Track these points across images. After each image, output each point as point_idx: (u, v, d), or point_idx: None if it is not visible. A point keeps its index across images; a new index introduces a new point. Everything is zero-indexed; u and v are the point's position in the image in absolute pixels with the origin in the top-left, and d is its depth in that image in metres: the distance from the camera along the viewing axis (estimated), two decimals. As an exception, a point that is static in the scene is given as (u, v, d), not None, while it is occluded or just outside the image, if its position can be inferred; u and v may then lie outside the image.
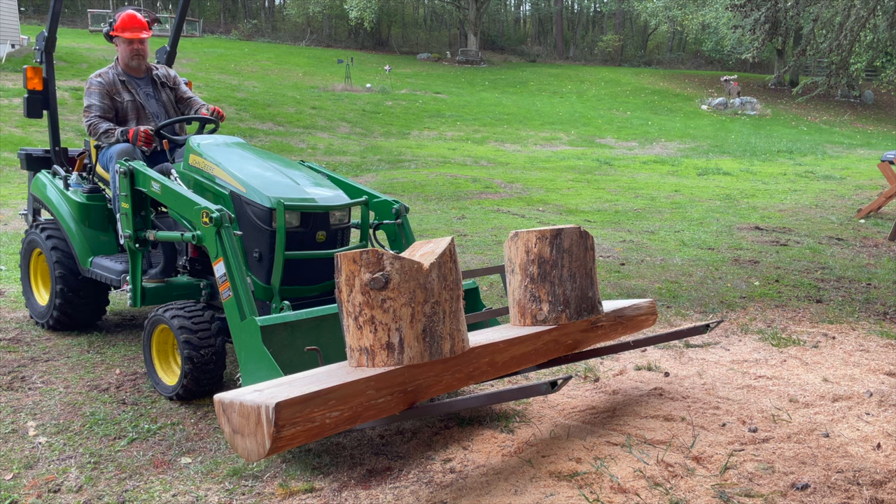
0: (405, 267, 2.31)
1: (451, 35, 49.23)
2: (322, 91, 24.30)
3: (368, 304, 2.31)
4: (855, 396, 3.58)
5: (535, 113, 23.95)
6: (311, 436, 2.13)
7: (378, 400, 2.26)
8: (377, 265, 2.29)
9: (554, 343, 2.96)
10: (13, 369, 3.84)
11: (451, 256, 2.46)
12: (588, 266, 3.01)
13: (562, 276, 2.93)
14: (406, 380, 2.34)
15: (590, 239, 3.04)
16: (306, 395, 2.08)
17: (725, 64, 39.77)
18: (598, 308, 3.10)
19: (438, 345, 2.39)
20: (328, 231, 3.57)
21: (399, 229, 3.89)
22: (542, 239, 2.91)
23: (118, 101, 4.38)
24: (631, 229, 8.30)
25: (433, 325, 2.37)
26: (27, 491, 2.67)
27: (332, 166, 14.40)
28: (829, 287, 5.93)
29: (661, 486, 2.66)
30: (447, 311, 2.41)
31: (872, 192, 11.69)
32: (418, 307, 2.33)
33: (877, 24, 10.28)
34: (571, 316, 2.95)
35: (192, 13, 45.79)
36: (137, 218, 3.83)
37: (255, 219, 3.46)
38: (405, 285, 2.31)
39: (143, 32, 4.35)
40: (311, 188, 3.62)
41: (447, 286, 2.41)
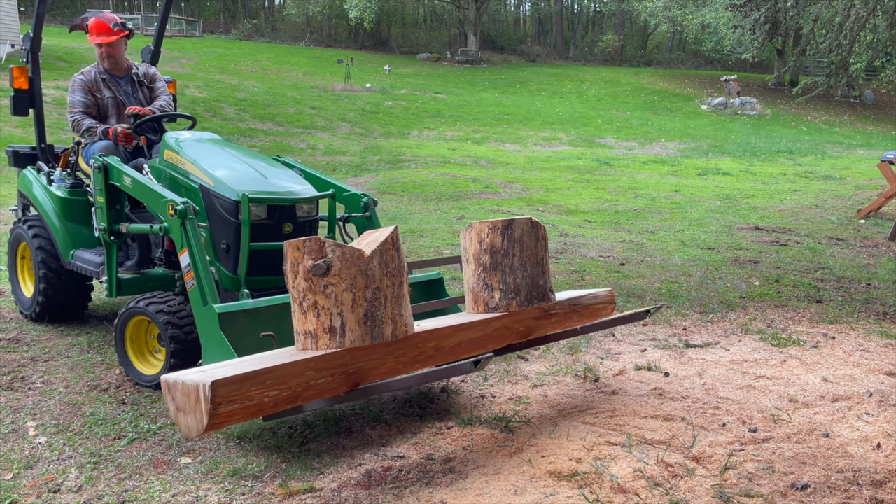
0: (346, 254, 2.40)
1: (451, 35, 49.23)
2: (322, 91, 24.30)
3: (311, 290, 2.41)
4: (855, 396, 3.58)
5: (535, 113, 23.95)
6: (251, 413, 2.22)
7: (319, 381, 2.35)
8: (319, 252, 2.38)
9: (505, 329, 3.04)
10: (13, 369, 3.84)
11: (394, 245, 2.54)
12: (539, 255, 3.09)
13: (513, 265, 3.02)
14: (347, 362, 2.43)
15: (541, 229, 3.11)
16: (243, 374, 2.17)
17: (725, 64, 39.77)
18: (550, 296, 3.17)
19: (380, 329, 2.49)
20: (295, 223, 3.69)
21: (367, 222, 4.02)
22: (493, 229, 3.01)
23: (99, 97, 4.56)
24: (631, 229, 8.30)
25: (374, 310, 2.47)
26: (27, 491, 2.67)
27: (331, 166, 14.40)
28: (829, 287, 5.93)
29: (661, 486, 2.66)
30: (389, 297, 2.50)
31: (872, 192, 11.69)
32: (359, 293, 2.43)
33: (877, 24, 10.28)
34: (522, 303, 3.04)
35: (192, 13, 45.81)
36: (112, 211, 3.97)
37: (223, 211, 3.58)
38: (346, 272, 2.40)
39: (109, 37, 4.52)
40: (279, 182, 3.74)
41: (389, 273, 2.50)
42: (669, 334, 4.63)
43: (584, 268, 6.23)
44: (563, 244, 7.23)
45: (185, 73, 23.56)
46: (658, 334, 4.63)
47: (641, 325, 4.79)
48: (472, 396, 3.57)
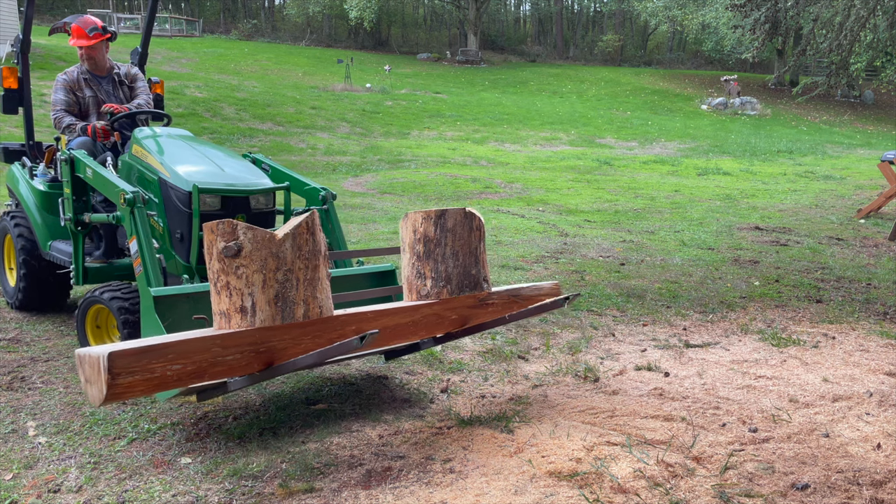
0: (257, 237, 2.47)
1: (451, 35, 49.24)
2: (322, 91, 24.30)
3: (224, 271, 2.49)
4: (855, 396, 3.58)
5: (535, 113, 23.95)
6: (154, 386, 2.29)
7: (226, 357, 2.42)
8: (232, 235, 2.46)
9: (436, 317, 3.07)
10: (13, 369, 3.84)
11: (308, 229, 2.58)
12: (472, 245, 3.12)
13: (444, 254, 3.06)
14: (258, 340, 2.49)
15: (476, 220, 3.13)
16: (142, 347, 2.26)
17: (725, 64, 39.77)
18: (483, 285, 3.20)
19: (291, 310, 2.54)
20: (249, 214, 3.81)
21: (326, 215, 4.14)
22: (427, 219, 3.06)
23: (80, 96, 4.78)
24: (631, 229, 8.30)
25: (285, 292, 2.52)
26: (27, 491, 2.67)
27: (331, 166, 14.40)
28: (829, 287, 5.93)
29: (661, 486, 2.66)
30: (301, 279, 2.55)
31: (872, 192, 11.69)
32: (270, 274, 2.49)
33: (877, 24, 10.27)
34: (453, 291, 3.08)
35: (192, 13, 45.79)
36: (78, 202, 4.16)
37: (178, 202, 3.73)
38: (257, 254, 2.47)
39: (89, 41, 4.73)
40: (235, 174, 3.86)
41: (301, 256, 2.55)
42: (669, 334, 4.63)
43: (584, 268, 6.23)
44: (563, 244, 7.23)
45: (185, 73, 23.56)
46: (658, 334, 4.63)
47: (642, 326, 4.80)
48: (472, 396, 3.57)
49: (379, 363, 3.99)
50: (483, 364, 4.03)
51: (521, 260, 6.42)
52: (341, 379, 3.77)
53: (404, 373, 3.87)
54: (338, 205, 9.53)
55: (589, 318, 4.92)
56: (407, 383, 3.73)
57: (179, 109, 17.83)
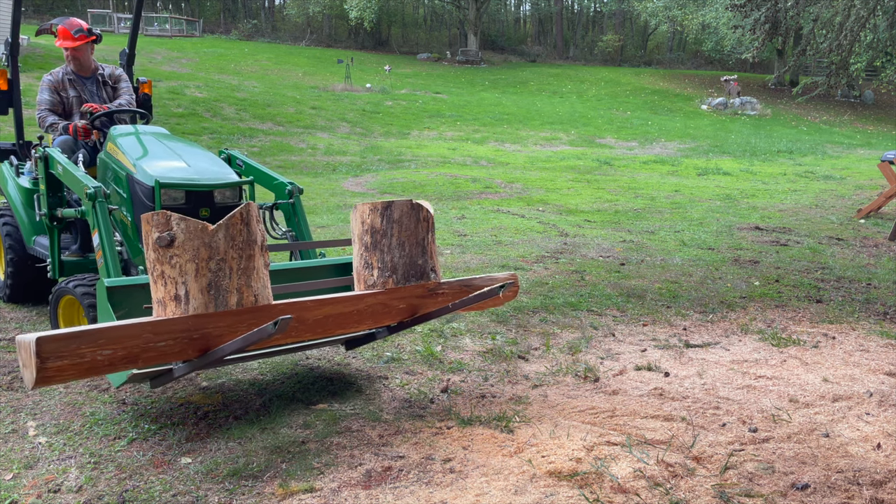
0: (190, 227, 2.54)
1: (451, 35, 49.24)
2: (322, 91, 24.30)
3: (159, 261, 2.57)
4: (855, 396, 3.58)
5: (535, 113, 23.95)
6: (85, 370, 2.34)
7: (158, 344, 2.48)
8: (166, 225, 2.53)
9: (383, 306, 3.10)
10: (13, 369, 3.84)
11: (242, 220, 2.63)
12: (420, 236, 3.16)
13: (391, 245, 3.10)
14: (191, 327, 2.55)
15: (423, 212, 3.16)
16: (72, 333, 2.31)
17: (725, 64, 39.77)
18: (430, 275, 3.23)
19: (224, 298, 2.60)
20: (213, 208, 3.91)
21: (292, 208, 4.26)
22: (374, 210, 3.10)
23: (64, 96, 4.93)
24: (631, 229, 8.30)
25: (218, 280, 2.58)
26: (27, 491, 2.67)
27: (331, 166, 14.40)
28: (829, 287, 5.93)
29: (661, 486, 2.66)
30: (234, 269, 2.62)
31: (872, 192, 11.69)
32: (203, 263, 2.56)
33: (877, 24, 10.28)
34: (399, 281, 3.12)
35: (192, 13, 45.79)
36: (52, 197, 4.32)
37: (143, 197, 3.84)
38: (189, 244, 2.54)
39: (74, 42, 4.89)
40: (201, 169, 3.98)
41: (235, 246, 2.62)
42: (669, 334, 4.63)
43: (585, 268, 6.23)
44: (563, 244, 7.23)
45: (185, 73, 23.56)
46: (658, 334, 4.63)
47: (642, 326, 4.80)
48: (472, 396, 3.57)
49: (379, 363, 4.00)
50: (483, 364, 4.03)
51: (521, 260, 6.42)
52: (341, 379, 3.77)
53: (404, 373, 3.87)
54: (338, 205, 9.54)
55: (589, 318, 4.92)
56: (407, 383, 3.74)
57: (179, 109, 17.83)
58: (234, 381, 3.72)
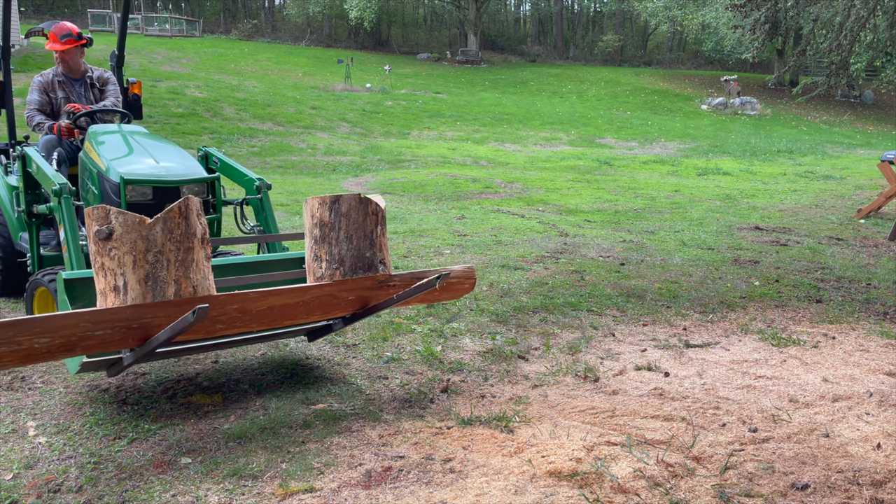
0: (128, 221, 2.63)
1: (451, 35, 49.24)
2: (322, 91, 24.30)
3: (100, 253, 2.66)
4: (855, 396, 3.58)
5: (535, 113, 23.95)
6: (23, 357, 2.46)
7: (96, 332, 2.57)
8: (105, 219, 2.62)
9: (331, 298, 3.14)
10: (13, 369, 3.84)
11: (181, 213, 2.71)
12: (368, 229, 3.20)
13: (339, 238, 3.15)
14: (128, 317, 2.63)
15: (372, 205, 3.21)
16: (10, 321, 2.41)
17: (725, 64, 39.78)
18: (379, 267, 3.26)
19: (162, 289, 2.67)
20: None
21: (260, 203, 4.37)
22: (322, 204, 3.15)
23: (52, 97, 5.10)
24: (631, 229, 8.30)
25: (156, 272, 2.66)
26: (27, 491, 2.67)
27: (331, 166, 14.40)
28: (829, 287, 5.93)
29: (661, 486, 2.66)
30: (172, 261, 2.69)
31: (872, 192, 11.69)
32: (140, 255, 2.64)
33: (877, 24, 10.28)
34: (346, 273, 3.16)
35: (192, 13, 45.80)
36: (29, 195, 4.48)
37: (111, 193, 3.96)
38: (127, 236, 2.62)
39: (64, 45, 5.04)
40: (167, 166, 4.08)
41: (172, 239, 2.69)
42: (669, 334, 4.63)
43: (584, 268, 6.23)
44: (563, 244, 7.23)
45: (185, 73, 23.56)
46: (658, 334, 4.63)
47: (642, 326, 4.80)
48: (472, 396, 3.57)
49: (379, 363, 4.00)
50: (483, 364, 4.03)
51: (521, 260, 6.43)
52: (341, 379, 3.77)
53: (404, 373, 3.87)
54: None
55: (589, 318, 4.92)
56: (407, 383, 3.74)
57: (179, 109, 17.83)
58: (234, 381, 3.72)
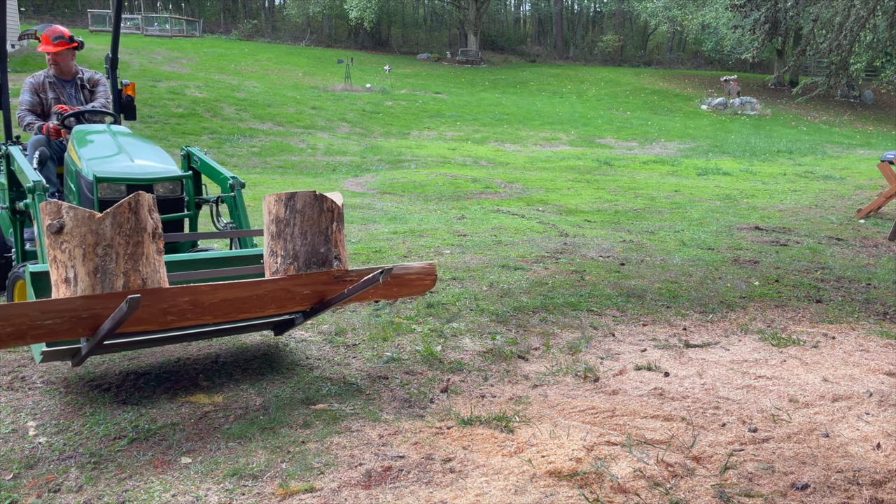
0: (78, 215, 2.72)
1: (451, 35, 49.24)
2: (322, 91, 24.30)
3: (52, 246, 2.76)
4: (855, 396, 3.58)
5: (535, 113, 23.95)
6: None
7: (45, 322, 2.67)
8: (57, 214, 2.72)
9: (285, 292, 3.21)
10: (13, 369, 3.84)
11: (130, 209, 2.81)
12: (323, 226, 3.26)
13: (293, 234, 3.21)
14: (77, 308, 2.73)
15: (328, 202, 3.26)
16: None
17: (725, 64, 39.78)
18: (333, 263, 3.31)
19: (111, 281, 2.77)
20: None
21: (233, 201, 4.45)
22: (278, 201, 3.23)
23: (43, 98, 5.26)
24: (631, 229, 8.30)
25: (105, 265, 2.76)
26: (27, 491, 2.67)
27: (332, 166, 14.40)
28: (829, 287, 5.93)
29: (661, 486, 2.66)
30: (120, 254, 2.79)
31: (872, 192, 11.69)
32: (90, 249, 2.73)
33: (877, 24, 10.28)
34: (300, 268, 3.22)
35: (192, 13, 45.81)
36: (14, 192, 4.60)
37: (86, 191, 4.08)
38: (77, 230, 2.72)
39: (56, 48, 5.21)
40: (141, 164, 4.22)
41: (122, 233, 2.79)
42: (669, 334, 4.64)
43: (584, 268, 6.23)
44: (563, 244, 7.23)
45: (185, 73, 23.56)
46: (658, 334, 4.63)
47: (642, 326, 4.80)
48: (472, 396, 3.58)
49: (379, 363, 4.00)
50: (483, 364, 4.03)
51: (521, 260, 6.43)
52: (341, 379, 3.77)
53: (404, 373, 3.87)
54: (338, 205, 9.54)
55: (589, 318, 4.92)
56: (407, 383, 3.74)
57: (180, 109, 17.83)
58: (234, 381, 3.72)
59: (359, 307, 4.92)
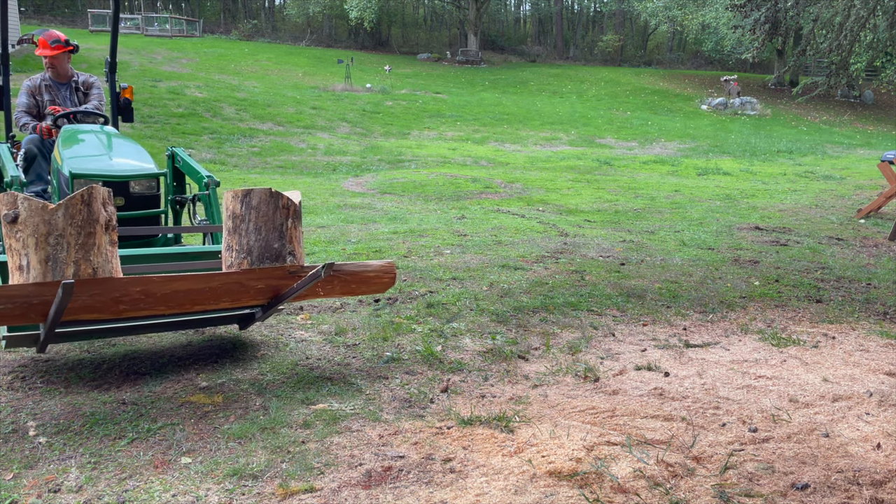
0: (32, 206, 2.84)
1: (451, 35, 49.25)
2: (322, 91, 24.30)
3: (7, 235, 2.90)
4: (855, 396, 3.58)
5: (535, 113, 23.95)
6: None
7: None
8: (13, 204, 2.85)
9: (239, 286, 3.31)
10: (13, 369, 3.84)
11: (83, 201, 2.91)
12: (278, 222, 3.34)
13: (248, 229, 3.30)
14: (28, 294, 2.84)
15: (283, 199, 3.34)
16: None
17: (725, 64, 39.79)
18: (287, 258, 3.38)
19: (62, 269, 2.89)
20: (128, 197, 4.38)
21: (208, 199, 4.60)
22: (235, 198, 3.33)
23: (39, 100, 5.47)
24: (631, 229, 8.30)
25: (56, 253, 2.88)
26: (27, 491, 2.67)
27: (332, 166, 14.40)
28: (829, 287, 5.93)
29: (661, 486, 2.66)
30: (72, 244, 2.90)
31: (872, 192, 11.69)
32: (42, 238, 2.85)
33: (877, 24, 10.28)
34: (254, 262, 3.31)
35: (192, 13, 45.81)
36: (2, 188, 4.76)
37: (65, 187, 4.25)
38: (30, 220, 2.85)
39: (53, 51, 5.41)
40: (118, 162, 4.41)
41: (74, 224, 2.90)
42: (669, 334, 4.64)
43: (585, 268, 6.23)
44: (563, 244, 7.23)
45: (185, 73, 23.56)
46: (658, 334, 4.63)
47: (642, 326, 4.80)
48: (473, 396, 3.58)
49: (379, 363, 4.00)
50: (483, 364, 4.03)
51: (522, 260, 6.43)
52: (341, 379, 3.77)
53: (404, 373, 3.87)
54: (338, 205, 9.53)
55: (589, 318, 4.92)
56: (407, 383, 3.74)
57: (180, 109, 17.83)
58: (234, 381, 3.72)
59: (359, 307, 4.92)
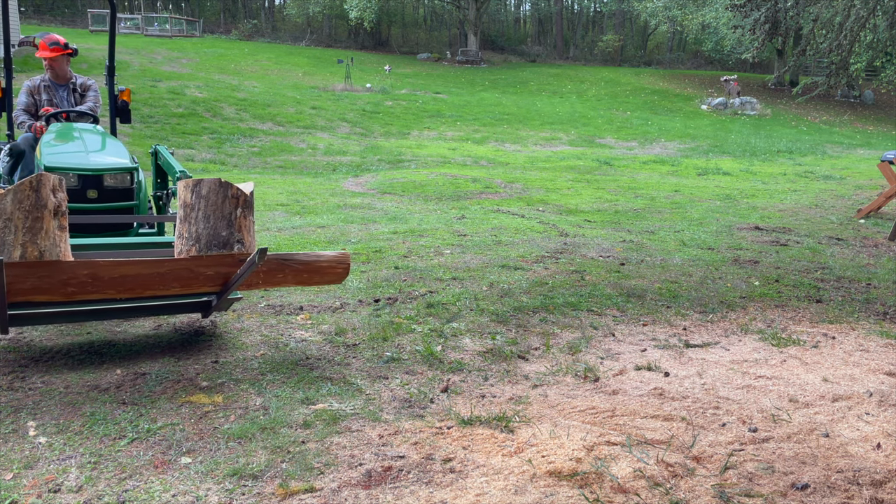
0: None
1: (451, 35, 49.25)
2: (322, 91, 24.30)
3: None
4: (855, 396, 3.58)
5: (535, 113, 23.95)
6: None
7: None
8: None
9: (188, 272, 3.43)
10: (13, 369, 3.84)
11: (31, 187, 3.05)
12: (226, 211, 3.44)
13: (197, 218, 3.41)
14: None
15: (233, 190, 3.45)
16: None
17: (725, 64, 39.79)
18: (235, 246, 3.47)
19: (8, 251, 3.05)
20: (102, 190, 4.56)
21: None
22: (186, 187, 3.44)
23: (38, 100, 5.67)
24: (631, 229, 8.30)
25: (4, 236, 3.03)
26: (27, 491, 2.67)
27: (332, 166, 14.40)
28: (829, 287, 5.93)
29: (661, 486, 2.66)
30: (19, 227, 3.05)
31: (872, 192, 11.69)
32: None
33: (877, 24, 10.28)
34: (201, 249, 3.40)
35: (192, 13, 45.81)
36: None
37: None
38: None
39: (52, 53, 5.62)
40: (94, 158, 4.59)
41: (22, 209, 3.05)
42: (669, 334, 4.64)
43: (584, 268, 6.23)
44: (563, 244, 7.23)
45: (185, 73, 23.57)
46: (658, 334, 4.63)
47: (642, 326, 4.80)
48: (472, 396, 3.58)
49: (379, 363, 4.00)
50: (483, 364, 4.03)
51: (521, 260, 6.43)
52: (341, 379, 3.78)
53: (404, 373, 3.87)
54: (338, 205, 9.54)
55: (589, 318, 4.92)
56: (407, 383, 3.74)
57: (180, 109, 17.83)
58: (234, 381, 3.72)
59: (359, 307, 4.92)
